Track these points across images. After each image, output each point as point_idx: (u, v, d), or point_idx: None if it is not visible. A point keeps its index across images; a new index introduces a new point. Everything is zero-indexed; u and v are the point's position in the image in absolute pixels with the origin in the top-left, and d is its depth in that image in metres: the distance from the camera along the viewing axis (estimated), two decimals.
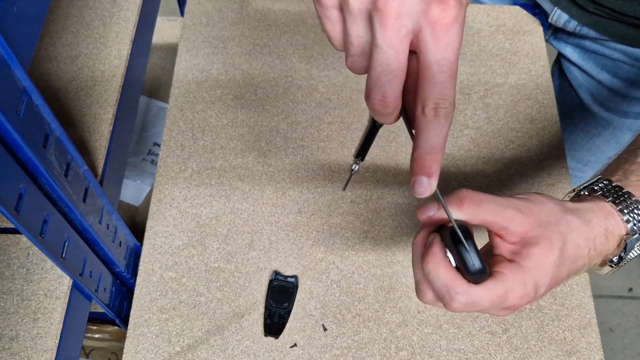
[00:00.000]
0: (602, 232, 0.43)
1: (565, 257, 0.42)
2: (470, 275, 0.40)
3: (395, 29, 0.33)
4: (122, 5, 0.72)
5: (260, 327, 0.66)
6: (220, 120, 0.79)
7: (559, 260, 0.41)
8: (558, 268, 0.42)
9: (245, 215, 0.72)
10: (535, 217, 0.42)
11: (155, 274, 0.68)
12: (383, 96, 0.35)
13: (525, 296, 0.41)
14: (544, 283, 0.41)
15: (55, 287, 0.57)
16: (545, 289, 0.42)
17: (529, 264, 0.41)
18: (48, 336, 0.55)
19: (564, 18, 0.78)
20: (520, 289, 0.41)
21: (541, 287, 0.41)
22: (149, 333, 0.65)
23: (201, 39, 0.85)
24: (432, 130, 0.35)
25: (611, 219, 0.44)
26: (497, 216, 0.41)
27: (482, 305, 0.40)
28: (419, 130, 0.35)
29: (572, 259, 0.42)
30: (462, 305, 0.40)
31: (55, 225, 0.49)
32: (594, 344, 0.65)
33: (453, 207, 0.41)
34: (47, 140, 0.45)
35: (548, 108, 0.80)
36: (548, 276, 0.41)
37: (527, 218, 0.41)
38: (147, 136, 1.05)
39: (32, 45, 0.42)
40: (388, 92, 0.35)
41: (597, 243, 0.43)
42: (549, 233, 0.41)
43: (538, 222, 0.42)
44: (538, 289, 0.41)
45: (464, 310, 0.41)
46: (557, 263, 0.41)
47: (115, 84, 0.66)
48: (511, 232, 0.42)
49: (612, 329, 1.51)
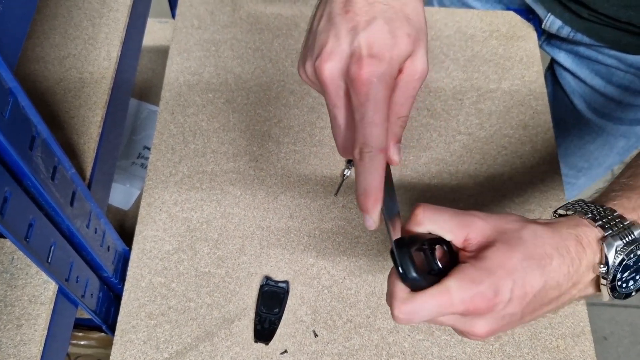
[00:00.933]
0: (574, 238, 0.41)
1: (531, 262, 0.39)
2: (405, 282, 0.39)
3: (332, 90, 0.40)
4: (112, 5, 0.71)
5: (251, 333, 0.65)
6: (212, 124, 0.78)
7: (522, 264, 0.38)
8: (523, 273, 0.38)
9: (236, 220, 0.71)
10: (495, 223, 0.40)
11: (144, 279, 0.67)
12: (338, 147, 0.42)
13: (479, 296, 0.37)
14: (505, 285, 0.38)
15: (40, 293, 0.56)
16: (511, 296, 0.38)
17: (481, 264, 0.38)
18: (32, 343, 0.54)
19: (557, 24, 0.78)
20: (469, 288, 0.38)
21: (501, 290, 0.38)
22: (136, 339, 0.64)
23: (193, 41, 0.85)
24: (361, 173, 0.39)
25: (582, 226, 0.41)
26: (452, 223, 0.40)
27: (426, 311, 0.38)
28: (355, 173, 0.40)
29: (541, 265, 0.39)
30: (403, 315, 0.39)
31: (41, 230, 0.48)
32: (588, 353, 0.64)
33: (409, 222, 0.42)
34: (33, 142, 0.44)
35: (541, 114, 0.80)
36: (509, 278, 0.38)
37: (486, 224, 0.40)
38: (137, 139, 1.04)
39: (19, 45, 0.41)
40: (337, 143, 0.42)
41: (572, 250, 0.40)
42: (508, 238, 0.40)
43: (498, 228, 0.40)
44: (497, 291, 0.38)
45: (410, 320, 0.39)
46: (520, 267, 0.38)
47: (104, 86, 0.65)
48: (470, 239, 0.40)
49: (605, 338, 1.51)
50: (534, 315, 0.41)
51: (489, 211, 0.73)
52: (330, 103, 0.41)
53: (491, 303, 0.38)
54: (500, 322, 0.39)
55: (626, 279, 0.41)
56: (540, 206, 0.73)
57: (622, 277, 0.41)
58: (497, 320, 0.39)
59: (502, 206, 0.73)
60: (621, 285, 0.41)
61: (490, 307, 0.38)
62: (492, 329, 0.40)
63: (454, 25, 0.87)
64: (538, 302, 0.40)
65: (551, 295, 0.40)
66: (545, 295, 0.40)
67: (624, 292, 0.41)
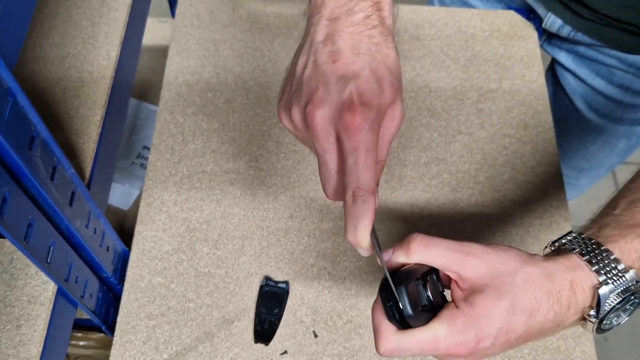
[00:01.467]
0: (568, 284, 0.41)
1: (519, 309, 0.39)
2: (391, 321, 0.41)
3: (323, 136, 0.41)
4: (112, 5, 0.70)
5: (250, 333, 0.65)
6: (212, 123, 0.78)
7: (508, 312, 0.39)
8: (509, 320, 0.39)
9: (236, 220, 0.71)
10: (489, 263, 0.40)
11: (144, 279, 0.67)
12: (325, 191, 0.44)
13: (462, 345, 0.39)
14: (489, 334, 0.39)
15: (39, 293, 0.56)
16: (493, 342, 0.39)
17: (470, 311, 0.39)
18: (31, 343, 0.53)
19: (557, 23, 0.78)
20: (455, 337, 0.39)
21: (485, 338, 0.39)
22: (136, 340, 0.64)
23: (192, 41, 0.84)
24: (353, 214, 0.40)
25: (578, 270, 0.41)
26: (445, 259, 0.41)
27: (411, 350, 0.40)
28: (346, 214, 0.42)
29: (527, 312, 0.40)
30: (387, 351, 0.40)
31: (40, 230, 0.48)
32: (589, 353, 0.64)
33: (401, 252, 0.42)
34: (32, 142, 0.44)
35: (542, 114, 0.80)
36: (494, 327, 0.39)
37: (480, 264, 0.40)
38: (137, 139, 1.04)
39: (18, 45, 0.41)
40: (327, 188, 0.43)
41: (563, 296, 0.40)
42: (500, 282, 0.40)
43: (492, 270, 0.40)
44: (480, 339, 0.39)
45: (393, 355, 0.41)
46: (506, 314, 0.39)
47: (104, 86, 0.65)
48: (463, 277, 0.41)
49: (606, 339, 1.51)
50: (511, 348, 0.42)
51: (490, 212, 0.73)
52: (321, 148, 0.42)
53: (473, 350, 0.40)
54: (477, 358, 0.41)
55: (611, 318, 0.42)
56: (541, 206, 0.73)
57: (609, 318, 0.41)
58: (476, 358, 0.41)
59: (502, 206, 0.73)
60: (605, 324, 0.42)
61: (472, 352, 0.40)
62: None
63: (454, 24, 0.87)
64: (518, 342, 0.41)
65: (532, 334, 0.41)
66: (527, 336, 0.41)
67: (607, 329, 0.42)
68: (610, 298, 0.40)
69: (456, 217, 0.72)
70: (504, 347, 0.41)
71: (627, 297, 0.40)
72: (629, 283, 0.40)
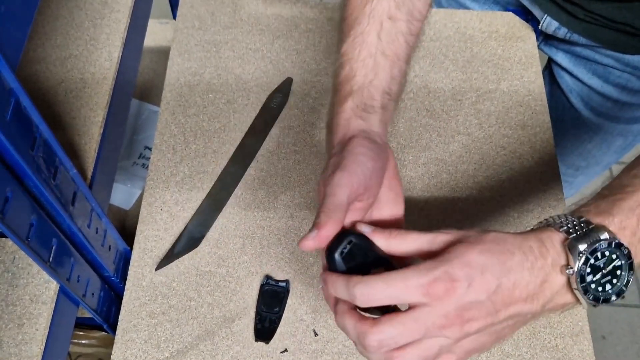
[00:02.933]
0: (537, 240, 0.42)
1: (492, 254, 0.40)
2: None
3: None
4: (113, 6, 0.71)
5: (251, 332, 0.65)
6: (213, 124, 0.78)
7: (480, 251, 0.40)
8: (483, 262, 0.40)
9: (237, 219, 0.72)
10: (458, 232, 0.43)
11: (145, 278, 0.68)
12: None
13: (435, 281, 0.39)
14: (462, 271, 0.39)
15: (41, 292, 0.56)
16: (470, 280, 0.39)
17: (439, 258, 0.40)
18: (33, 342, 0.54)
19: (554, 25, 0.78)
20: (424, 275, 0.39)
21: (458, 273, 0.39)
22: (137, 338, 0.64)
23: (193, 42, 0.85)
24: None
25: (547, 232, 0.42)
26: (423, 238, 0.43)
27: (380, 294, 0.40)
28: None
29: (500, 256, 0.40)
30: (376, 342, 0.40)
31: (42, 229, 0.48)
32: (586, 352, 0.64)
33: (382, 236, 0.44)
34: (34, 142, 0.45)
35: (540, 114, 0.80)
36: (466, 266, 0.39)
37: (449, 235, 0.42)
38: (138, 140, 1.05)
39: (20, 46, 0.42)
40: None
41: (536, 250, 0.41)
42: (469, 238, 0.41)
43: (460, 235, 0.42)
44: (454, 276, 0.39)
45: (386, 347, 0.40)
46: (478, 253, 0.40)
47: (105, 87, 0.65)
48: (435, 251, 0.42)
49: (604, 337, 1.51)
50: (510, 311, 0.41)
51: (489, 212, 0.74)
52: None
53: (449, 286, 0.39)
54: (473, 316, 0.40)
55: (600, 281, 0.41)
56: (539, 206, 0.74)
57: (594, 280, 0.41)
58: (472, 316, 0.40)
59: (501, 206, 0.74)
60: (596, 289, 0.41)
61: (450, 290, 0.39)
62: (479, 339, 0.41)
63: (453, 26, 0.88)
64: (507, 295, 0.40)
65: (521, 291, 0.40)
66: (513, 288, 0.40)
67: (602, 297, 0.42)
68: (581, 251, 0.40)
69: (455, 217, 0.73)
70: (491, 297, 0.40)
71: (599, 249, 0.40)
72: (599, 236, 0.41)
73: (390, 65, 0.54)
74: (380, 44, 0.54)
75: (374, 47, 0.54)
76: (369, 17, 0.55)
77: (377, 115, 0.52)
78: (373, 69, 0.53)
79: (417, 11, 0.57)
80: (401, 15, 0.55)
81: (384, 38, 0.54)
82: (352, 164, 0.46)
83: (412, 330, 0.40)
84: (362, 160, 0.47)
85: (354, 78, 0.53)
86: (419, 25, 0.57)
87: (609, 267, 0.41)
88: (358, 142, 0.49)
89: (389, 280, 0.40)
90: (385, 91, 0.53)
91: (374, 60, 0.54)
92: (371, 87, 0.53)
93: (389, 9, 0.55)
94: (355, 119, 0.51)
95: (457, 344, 0.41)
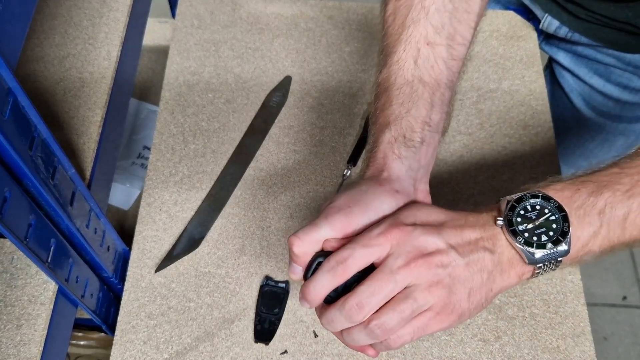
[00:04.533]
0: (471, 207, 0.47)
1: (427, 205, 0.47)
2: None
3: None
4: (112, 5, 0.71)
5: (251, 333, 0.65)
6: (212, 124, 0.78)
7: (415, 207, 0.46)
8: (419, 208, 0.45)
9: (236, 220, 0.71)
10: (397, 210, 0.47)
11: (144, 279, 0.67)
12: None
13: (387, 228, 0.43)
14: (404, 215, 0.44)
15: (40, 293, 0.56)
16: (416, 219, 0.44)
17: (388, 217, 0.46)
18: (32, 343, 0.54)
19: (555, 25, 0.78)
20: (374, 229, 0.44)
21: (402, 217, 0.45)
22: (136, 340, 0.64)
23: (193, 41, 0.85)
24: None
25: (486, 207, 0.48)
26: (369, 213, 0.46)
27: (371, 286, 0.42)
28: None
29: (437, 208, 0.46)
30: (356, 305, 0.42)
31: (41, 230, 0.48)
32: (588, 353, 0.64)
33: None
34: (33, 142, 0.44)
35: (541, 114, 0.80)
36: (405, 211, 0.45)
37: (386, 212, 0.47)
38: (137, 139, 1.04)
39: (19, 45, 0.41)
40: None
41: (470, 211, 0.46)
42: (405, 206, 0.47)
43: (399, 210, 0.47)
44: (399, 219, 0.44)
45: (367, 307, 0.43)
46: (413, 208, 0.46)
47: (104, 86, 0.65)
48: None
49: (606, 338, 1.51)
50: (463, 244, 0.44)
51: None
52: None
53: (402, 228, 0.43)
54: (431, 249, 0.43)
55: (534, 231, 0.44)
56: None
57: (526, 229, 0.44)
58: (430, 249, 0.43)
59: None
60: (529, 236, 0.43)
61: (402, 230, 0.43)
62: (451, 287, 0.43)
63: None
64: (455, 229, 0.44)
65: (469, 234, 0.44)
66: (461, 231, 0.44)
67: (535, 242, 0.43)
68: (509, 198, 0.45)
69: None
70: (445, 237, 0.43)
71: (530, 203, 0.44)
72: (530, 194, 0.45)
73: (430, 93, 0.52)
74: (418, 70, 0.52)
75: (410, 74, 0.52)
76: (406, 44, 0.53)
77: (417, 153, 0.50)
78: (410, 97, 0.51)
79: (459, 35, 0.54)
80: (440, 40, 0.53)
81: (421, 64, 0.52)
82: (359, 214, 0.46)
83: (382, 281, 0.42)
84: (371, 215, 0.46)
85: (390, 107, 0.51)
86: (463, 50, 0.55)
87: (542, 219, 0.44)
88: (381, 195, 0.47)
89: (355, 242, 0.43)
90: (424, 121, 0.51)
91: (411, 88, 0.51)
92: (409, 117, 0.50)
93: (427, 35, 0.53)
94: (392, 158, 0.49)
95: (429, 293, 0.42)
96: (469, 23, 0.55)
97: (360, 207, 0.46)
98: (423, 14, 0.53)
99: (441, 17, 0.53)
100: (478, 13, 0.55)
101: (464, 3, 0.54)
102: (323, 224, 0.45)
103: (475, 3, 0.55)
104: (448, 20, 0.53)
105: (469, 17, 0.55)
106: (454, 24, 0.54)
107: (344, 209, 0.46)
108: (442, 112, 0.53)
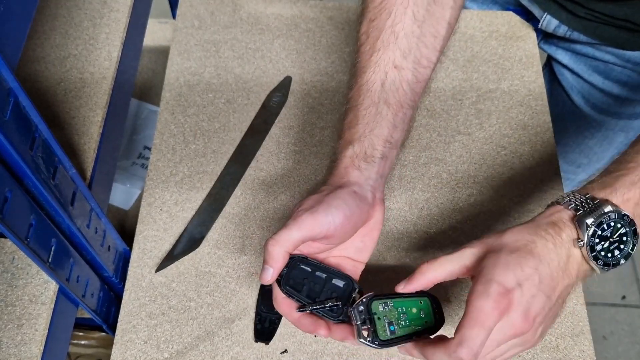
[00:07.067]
0: (549, 223, 0.47)
1: (519, 250, 0.45)
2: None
3: None
4: (113, 6, 0.71)
5: (251, 332, 0.65)
6: (213, 124, 0.78)
7: (511, 257, 0.45)
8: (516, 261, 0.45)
9: (236, 220, 0.72)
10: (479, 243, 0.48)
11: (145, 278, 0.67)
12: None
13: (494, 298, 0.43)
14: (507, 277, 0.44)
15: (40, 293, 0.56)
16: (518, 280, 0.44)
17: (482, 278, 0.45)
18: (32, 343, 0.54)
19: (554, 23, 0.78)
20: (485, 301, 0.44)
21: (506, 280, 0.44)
22: (137, 339, 0.64)
23: (193, 42, 0.85)
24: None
25: (556, 213, 0.48)
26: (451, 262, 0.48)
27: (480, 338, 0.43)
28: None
29: (527, 248, 0.45)
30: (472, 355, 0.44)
31: (42, 229, 0.48)
32: (587, 352, 0.64)
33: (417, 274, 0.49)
34: (34, 142, 0.44)
35: (541, 114, 0.80)
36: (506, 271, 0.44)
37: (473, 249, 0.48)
38: (138, 139, 1.05)
39: (19, 45, 0.41)
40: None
41: (550, 231, 0.46)
42: (493, 246, 0.47)
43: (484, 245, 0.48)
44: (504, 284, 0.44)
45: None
46: (510, 259, 0.45)
47: (105, 86, 0.65)
48: (469, 267, 0.48)
49: (605, 337, 1.51)
50: (557, 291, 0.46)
51: (489, 212, 0.73)
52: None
53: (506, 297, 0.43)
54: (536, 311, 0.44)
55: (609, 249, 0.46)
56: (540, 206, 0.73)
57: (603, 248, 0.46)
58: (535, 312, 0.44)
59: (501, 206, 0.73)
60: (605, 256, 0.46)
61: (510, 300, 0.43)
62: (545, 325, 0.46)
63: None
64: (550, 279, 0.45)
65: (557, 270, 0.45)
66: (550, 272, 0.45)
67: (612, 262, 0.47)
68: (589, 225, 0.45)
69: (455, 217, 0.72)
70: (541, 288, 0.44)
71: (605, 221, 0.45)
72: (604, 209, 0.46)
73: (393, 114, 0.56)
74: (384, 92, 0.56)
75: (377, 96, 0.56)
76: (375, 66, 0.57)
77: (376, 166, 0.55)
78: (375, 117, 0.56)
79: (424, 59, 0.58)
80: (407, 64, 0.57)
81: (387, 87, 0.57)
82: (323, 213, 0.50)
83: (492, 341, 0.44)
84: (334, 213, 0.50)
85: (357, 126, 0.56)
86: (427, 72, 0.59)
87: (616, 235, 0.46)
88: (341, 195, 0.52)
89: (475, 327, 0.43)
90: (386, 140, 0.56)
91: (376, 109, 0.56)
92: (372, 136, 0.55)
93: (395, 59, 0.57)
94: (352, 168, 0.54)
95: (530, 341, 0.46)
96: (435, 47, 0.59)
97: (324, 207, 0.50)
98: (393, 39, 0.57)
99: (409, 42, 0.57)
100: (445, 37, 0.59)
101: (432, 27, 0.58)
102: (292, 226, 0.49)
103: (443, 27, 0.59)
104: (415, 45, 0.57)
105: (435, 41, 0.58)
106: (421, 49, 0.58)
107: (309, 210, 0.50)
108: (403, 130, 0.58)
